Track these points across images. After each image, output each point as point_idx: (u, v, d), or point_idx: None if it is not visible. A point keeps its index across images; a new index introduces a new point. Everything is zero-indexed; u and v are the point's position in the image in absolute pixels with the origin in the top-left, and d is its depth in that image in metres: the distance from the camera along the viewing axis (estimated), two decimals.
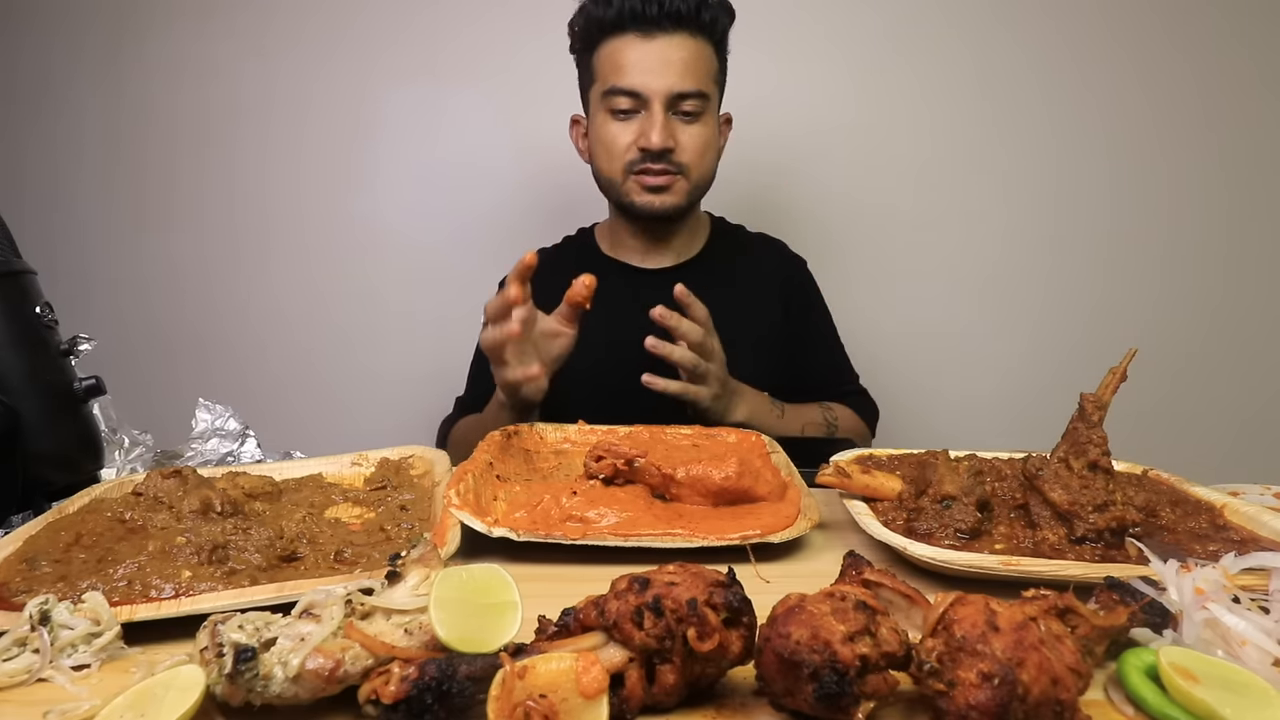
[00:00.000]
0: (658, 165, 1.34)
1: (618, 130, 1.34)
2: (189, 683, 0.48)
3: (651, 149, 1.32)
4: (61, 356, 0.92)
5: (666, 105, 1.31)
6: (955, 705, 0.44)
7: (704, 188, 1.42)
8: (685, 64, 1.30)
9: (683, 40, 1.31)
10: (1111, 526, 0.71)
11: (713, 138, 1.38)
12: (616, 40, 1.32)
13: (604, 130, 1.36)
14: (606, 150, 1.37)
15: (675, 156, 1.34)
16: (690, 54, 1.31)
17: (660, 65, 1.30)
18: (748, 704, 0.51)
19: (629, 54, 1.31)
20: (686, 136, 1.34)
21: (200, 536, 0.68)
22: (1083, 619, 0.52)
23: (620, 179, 1.37)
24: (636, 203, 1.37)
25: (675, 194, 1.37)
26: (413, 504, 0.84)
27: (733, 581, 0.51)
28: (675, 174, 1.35)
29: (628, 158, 1.35)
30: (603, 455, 0.85)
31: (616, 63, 1.32)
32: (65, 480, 0.90)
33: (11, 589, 0.62)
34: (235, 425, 1.12)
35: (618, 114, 1.34)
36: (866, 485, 0.81)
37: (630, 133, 1.34)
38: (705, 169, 1.39)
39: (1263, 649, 0.52)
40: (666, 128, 1.31)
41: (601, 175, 1.41)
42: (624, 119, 1.34)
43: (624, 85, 1.31)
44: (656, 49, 1.30)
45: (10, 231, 0.93)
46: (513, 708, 0.44)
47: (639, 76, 1.30)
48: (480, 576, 0.53)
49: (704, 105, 1.34)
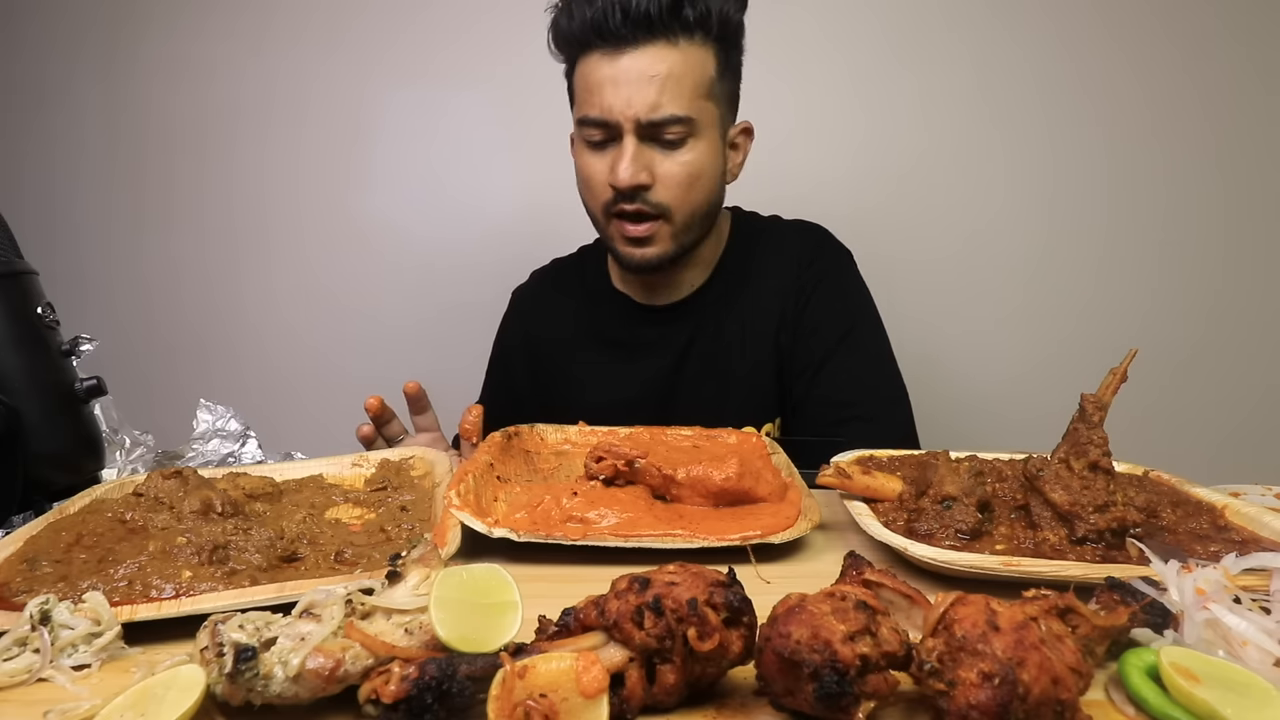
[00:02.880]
0: (631, 206, 1.17)
1: (592, 163, 1.19)
2: (189, 682, 0.48)
3: (619, 186, 1.15)
4: (63, 357, 0.92)
5: (639, 134, 1.14)
6: (956, 705, 0.44)
7: (699, 223, 1.23)
8: (659, 83, 1.11)
9: (659, 52, 1.12)
10: (1112, 527, 0.71)
11: (704, 166, 1.18)
12: (586, 59, 1.16)
13: (580, 162, 1.23)
14: (585, 184, 1.23)
15: (652, 195, 1.16)
16: (669, 68, 1.12)
17: (629, 87, 1.12)
18: (748, 704, 0.51)
19: (596, 75, 1.14)
20: (666, 168, 1.15)
21: (201, 537, 0.68)
22: (1083, 619, 0.52)
23: (603, 220, 1.23)
24: (619, 252, 1.23)
25: (659, 244, 1.20)
26: (413, 505, 0.84)
27: (733, 581, 0.51)
28: (655, 218, 1.18)
29: (603, 197, 1.19)
30: (603, 456, 0.85)
31: (586, 86, 1.17)
32: (66, 481, 0.90)
33: (12, 589, 0.62)
34: (236, 426, 1.13)
35: (592, 145, 1.19)
36: (867, 486, 0.81)
37: (604, 166, 1.18)
38: (694, 205, 1.19)
39: (1264, 649, 0.52)
40: (638, 160, 1.14)
41: (588, 213, 1.28)
42: (599, 150, 1.18)
43: (591, 115, 1.15)
44: (624, 67, 1.12)
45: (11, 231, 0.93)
46: (513, 707, 0.44)
47: (604, 103, 1.13)
48: (480, 576, 0.53)
49: (689, 130, 1.15)
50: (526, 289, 1.51)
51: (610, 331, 1.39)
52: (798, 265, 1.33)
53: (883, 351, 1.32)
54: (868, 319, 1.33)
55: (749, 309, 1.33)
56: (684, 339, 1.34)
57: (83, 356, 0.94)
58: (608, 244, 1.27)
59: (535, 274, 1.53)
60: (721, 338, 1.33)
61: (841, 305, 1.32)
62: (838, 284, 1.34)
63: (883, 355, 1.31)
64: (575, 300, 1.44)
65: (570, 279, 1.47)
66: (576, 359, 1.40)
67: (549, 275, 1.51)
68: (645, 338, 1.36)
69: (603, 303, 1.41)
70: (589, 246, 1.50)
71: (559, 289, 1.47)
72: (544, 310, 1.46)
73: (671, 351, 1.34)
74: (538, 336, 1.44)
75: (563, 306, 1.44)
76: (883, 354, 1.31)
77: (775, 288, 1.32)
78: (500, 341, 1.51)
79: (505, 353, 1.49)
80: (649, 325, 1.36)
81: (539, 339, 1.44)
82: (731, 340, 1.32)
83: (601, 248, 1.45)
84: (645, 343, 1.36)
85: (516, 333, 1.48)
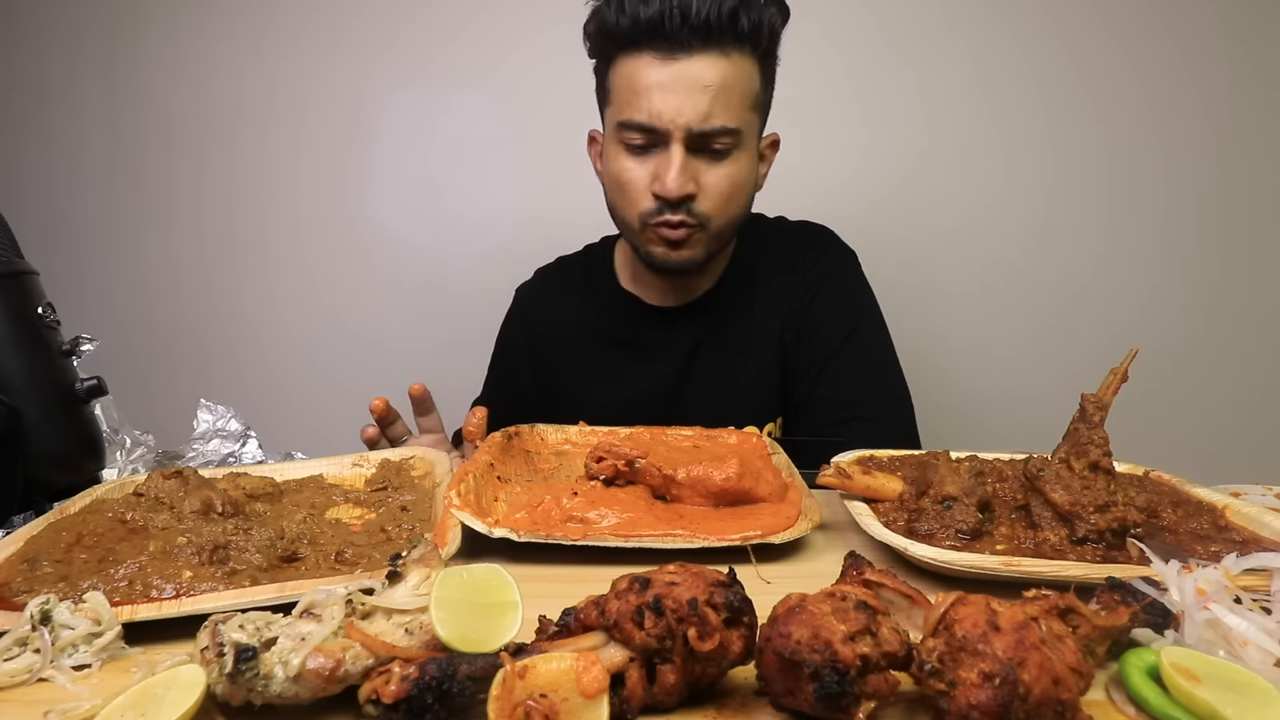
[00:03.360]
0: (675, 216, 1.15)
1: (632, 168, 1.17)
2: (189, 682, 0.48)
3: (668, 197, 1.13)
4: (63, 357, 0.92)
5: (687, 143, 1.12)
6: (956, 705, 0.44)
7: (729, 234, 1.24)
8: (714, 93, 1.10)
9: (713, 61, 1.10)
10: (1113, 527, 0.71)
11: (745, 178, 1.18)
12: (632, 59, 1.13)
13: (616, 165, 1.19)
14: (620, 190, 1.20)
15: (696, 205, 1.15)
16: (722, 78, 1.10)
17: (681, 95, 1.10)
18: (748, 704, 0.51)
19: (645, 78, 1.11)
20: (711, 180, 1.15)
21: (201, 537, 0.68)
22: (1084, 619, 0.52)
23: (637, 227, 1.21)
24: (653, 255, 1.22)
25: (693, 247, 1.20)
26: (413, 505, 0.84)
27: (733, 581, 0.51)
28: (694, 227, 1.17)
29: (642, 205, 1.17)
30: (603, 456, 0.85)
31: (631, 88, 1.13)
32: (66, 481, 0.90)
33: (13, 589, 0.62)
34: (236, 426, 1.13)
35: (632, 149, 1.16)
36: (867, 486, 0.81)
37: (646, 173, 1.15)
38: (731, 216, 1.20)
39: (1264, 649, 0.52)
40: (686, 170, 1.12)
41: (616, 215, 1.25)
42: (639, 155, 1.16)
43: (637, 119, 1.12)
44: (678, 73, 1.09)
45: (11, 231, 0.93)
46: (513, 707, 0.44)
47: (654, 109, 1.11)
48: (481, 576, 0.53)
49: (736, 142, 1.14)
50: (531, 286, 1.51)
51: (616, 331, 1.39)
52: (803, 265, 1.34)
53: (886, 352, 1.32)
54: (872, 319, 1.33)
55: (756, 311, 1.33)
56: (692, 341, 1.34)
57: (83, 356, 0.94)
58: (638, 247, 1.25)
59: (539, 272, 1.52)
60: (728, 340, 1.33)
61: (846, 305, 1.32)
62: (842, 284, 1.34)
63: (886, 355, 1.31)
64: (580, 299, 1.43)
65: (575, 277, 1.46)
66: (580, 358, 1.40)
67: (553, 273, 1.50)
68: (653, 339, 1.36)
69: (609, 302, 1.40)
70: (594, 245, 1.50)
71: (563, 287, 1.46)
72: (548, 308, 1.46)
73: (679, 354, 1.34)
74: (541, 334, 1.44)
75: (567, 305, 1.44)
76: (886, 354, 1.32)
77: (781, 288, 1.33)
78: (503, 339, 1.50)
79: (508, 350, 1.49)
80: (658, 327, 1.36)
81: (542, 337, 1.44)
82: (738, 342, 1.32)
83: (609, 247, 1.45)
84: (653, 344, 1.36)
85: (520, 330, 1.47)
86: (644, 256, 1.25)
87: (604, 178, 1.26)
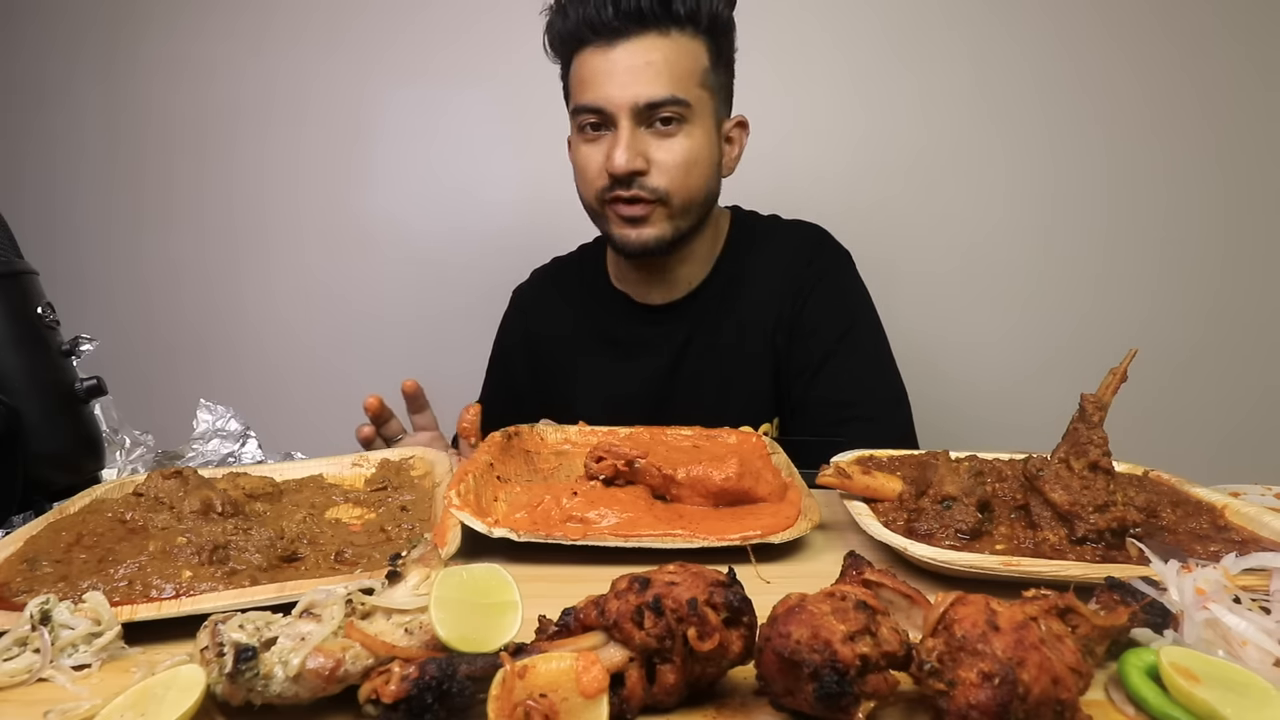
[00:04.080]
0: (627, 192, 1.18)
1: (588, 152, 1.22)
2: (189, 682, 0.48)
3: (615, 172, 1.17)
4: (63, 357, 0.92)
5: (635, 119, 1.16)
6: (956, 705, 0.44)
7: (696, 209, 1.24)
8: (654, 69, 1.15)
9: (652, 42, 1.16)
10: (1112, 527, 0.71)
11: (699, 152, 1.20)
12: (581, 54, 1.20)
13: (576, 153, 1.25)
14: (581, 175, 1.25)
15: (648, 180, 1.18)
16: (663, 56, 1.15)
17: (623, 75, 1.15)
18: (748, 704, 0.51)
19: (590, 67, 1.18)
20: (662, 154, 1.18)
21: (201, 537, 0.68)
22: (1083, 619, 0.52)
23: (598, 208, 1.25)
24: (616, 235, 1.24)
25: (655, 224, 1.21)
26: (413, 504, 0.84)
27: (733, 581, 0.51)
28: (651, 202, 1.19)
29: (598, 185, 1.21)
30: (603, 456, 0.85)
31: (580, 78, 1.20)
32: (66, 480, 0.90)
33: (12, 589, 0.62)
34: (236, 426, 1.13)
35: (587, 134, 1.21)
36: (867, 486, 0.81)
37: (599, 154, 1.20)
38: (691, 189, 1.21)
39: (1263, 649, 0.52)
40: (633, 146, 1.16)
41: (583, 202, 1.29)
42: (593, 140, 1.21)
43: (585, 101, 1.18)
44: (618, 57, 1.16)
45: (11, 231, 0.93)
46: (513, 707, 0.44)
47: (600, 91, 1.16)
48: (480, 576, 0.53)
49: (684, 112, 1.17)
50: (527, 288, 1.52)
51: (608, 330, 1.39)
52: (796, 265, 1.33)
53: (882, 352, 1.32)
54: (867, 319, 1.33)
55: (747, 308, 1.33)
56: (681, 338, 1.34)
57: (83, 356, 0.94)
58: (605, 232, 1.28)
59: (535, 273, 1.53)
60: (719, 337, 1.33)
61: (840, 305, 1.32)
62: (836, 284, 1.34)
63: (882, 355, 1.32)
64: (575, 299, 1.44)
65: (570, 277, 1.48)
66: (576, 357, 1.40)
67: (549, 274, 1.52)
68: (643, 336, 1.37)
69: (602, 301, 1.41)
70: (589, 245, 1.50)
71: (559, 288, 1.48)
72: (544, 309, 1.47)
73: (669, 350, 1.34)
74: (538, 335, 1.45)
75: (562, 305, 1.45)
76: (882, 354, 1.32)
77: (773, 287, 1.33)
78: (500, 340, 1.51)
79: (505, 351, 1.50)
80: (647, 324, 1.37)
81: (539, 337, 1.45)
82: (729, 339, 1.32)
83: (601, 247, 1.45)
84: (643, 341, 1.36)
85: (517, 331, 1.48)
86: (611, 241, 1.28)
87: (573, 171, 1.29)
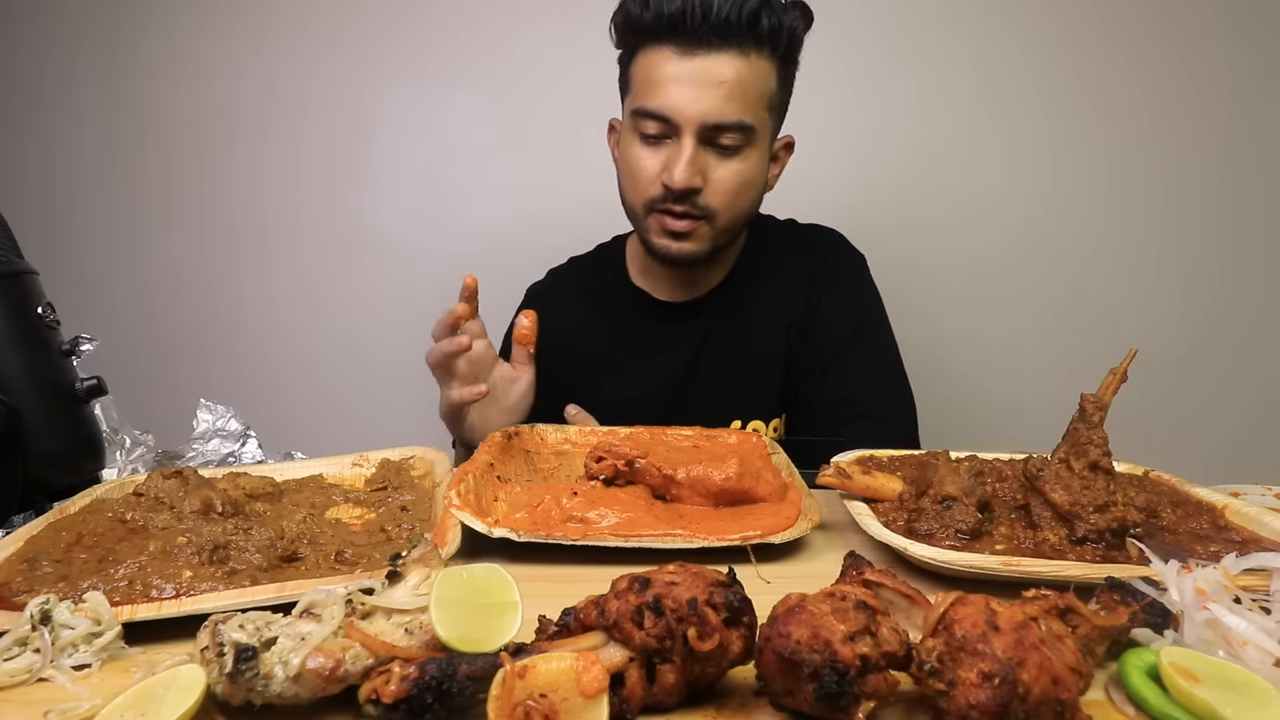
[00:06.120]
0: (680, 207, 1.18)
1: (644, 156, 1.19)
2: (189, 682, 0.48)
3: (674, 188, 1.15)
4: (63, 357, 0.92)
5: (699, 136, 1.14)
6: (956, 705, 0.44)
7: (735, 230, 1.25)
8: (728, 89, 1.12)
9: (730, 59, 1.12)
10: (1112, 527, 0.71)
11: (754, 175, 1.20)
12: (653, 51, 1.16)
13: (629, 153, 1.22)
14: (630, 177, 1.23)
15: (701, 199, 1.17)
16: (738, 75, 1.12)
17: (696, 89, 1.12)
18: (748, 704, 0.51)
19: (663, 71, 1.14)
20: (720, 174, 1.17)
21: (201, 537, 0.68)
22: (1083, 619, 0.52)
23: (642, 213, 1.23)
24: (655, 244, 1.24)
25: (696, 241, 1.21)
26: (413, 504, 0.84)
27: (733, 581, 0.51)
28: (698, 219, 1.19)
29: (650, 193, 1.19)
30: (603, 456, 0.85)
31: (649, 78, 1.16)
32: (66, 480, 0.90)
33: (12, 589, 0.62)
34: (236, 426, 1.13)
35: (646, 138, 1.19)
36: (867, 486, 0.81)
37: (657, 162, 1.18)
38: (738, 212, 1.21)
39: (1263, 649, 0.52)
40: (695, 163, 1.14)
41: (625, 200, 1.28)
42: (652, 144, 1.19)
43: (652, 107, 1.15)
44: (695, 68, 1.12)
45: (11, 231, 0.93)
46: (513, 707, 0.44)
47: (669, 100, 1.13)
48: (480, 576, 0.53)
49: (747, 139, 1.16)
50: (543, 286, 1.51)
51: (625, 327, 1.39)
52: (811, 266, 1.35)
53: (890, 353, 1.33)
54: (878, 321, 1.35)
55: (763, 308, 1.34)
56: (699, 336, 1.35)
57: (83, 356, 0.94)
58: (642, 235, 1.28)
59: (552, 272, 1.53)
60: (735, 335, 1.34)
61: (854, 305, 1.34)
62: (849, 285, 1.36)
63: (890, 356, 1.33)
64: (592, 297, 1.44)
65: (587, 277, 1.47)
66: (590, 355, 1.40)
67: (565, 273, 1.51)
68: (660, 334, 1.37)
69: (619, 298, 1.41)
70: (606, 245, 1.51)
71: (575, 287, 1.47)
72: (559, 307, 1.45)
73: (686, 348, 1.35)
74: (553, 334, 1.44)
75: (578, 304, 1.44)
76: (890, 355, 1.33)
77: (789, 287, 1.34)
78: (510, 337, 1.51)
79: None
80: (665, 321, 1.37)
81: (553, 336, 1.44)
82: (744, 338, 1.34)
83: (619, 246, 1.46)
84: (660, 338, 1.37)
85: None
86: (648, 245, 1.27)
87: (619, 164, 1.28)
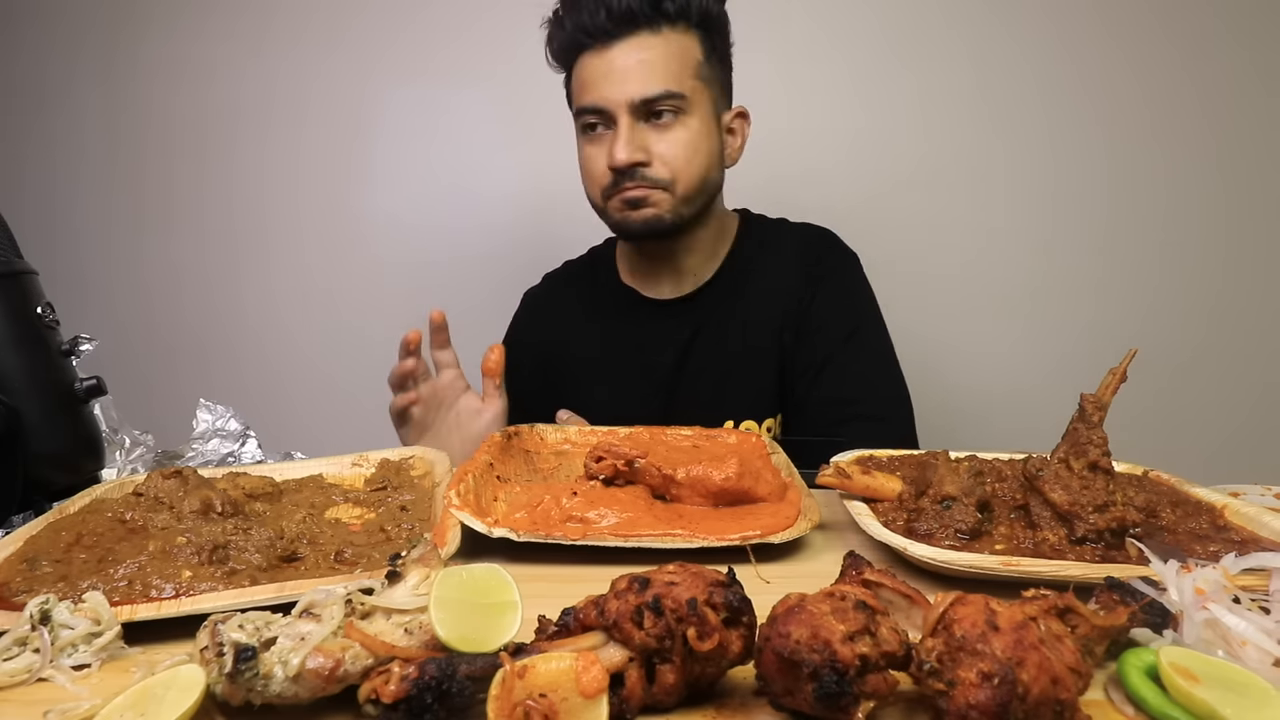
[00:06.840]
0: (630, 184, 1.22)
1: (591, 152, 1.26)
2: (189, 682, 0.48)
3: (615, 165, 1.20)
4: (62, 357, 0.92)
5: (634, 115, 1.19)
6: (955, 705, 0.44)
7: (699, 196, 1.26)
8: (648, 65, 1.18)
9: (643, 40, 1.19)
10: (1112, 527, 0.71)
11: (699, 140, 1.23)
12: (580, 60, 1.24)
13: (581, 154, 1.29)
14: (587, 175, 1.28)
15: (650, 172, 1.21)
16: (655, 53, 1.19)
17: (619, 73, 1.19)
18: (748, 704, 0.51)
19: (589, 70, 1.22)
20: (662, 146, 1.21)
21: (201, 537, 0.68)
22: (1083, 619, 0.52)
23: (603, 204, 1.28)
24: (618, 220, 1.27)
25: (655, 205, 1.23)
26: (413, 504, 0.84)
27: (733, 581, 0.51)
28: (651, 187, 1.23)
29: (603, 182, 1.24)
30: (603, 456, 0.85)
31: (580, 82, 1.24)
32: (66, 480, 0.90)
33: (12, 589, 0.62)
34: (236, 426, 1.13)
35: (590, 135, 1.25)
36: (867, 486, 0.81)
37: (602, 152, 1.23)
38: (693, 178, 1.24)
39: (1263, 649, 0.52)
40: (633, 140, 1.19)
41: (590, 201, 1.32)
42: (596, 140, 1.25)
43: (586, 103, 1.22)
44: (613, 57, 1.19)
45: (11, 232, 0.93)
46: (513, 707, 0.44)
47: (598, 91, 1.20)
48: (480, 576, 0.53)
49: (680, 105, 1.20)
50: (538, 291, 1.53)
51: (616, 325, 1.40)
52: (804, 265, 1.35)
53: (886, 352, 1.33)
54: (872, 320, 1.34)
55: (753, 305, 1.34)
56: (688, 333, 1.35)
57: (83, 356, 0.94)
58: (610, 224, 1.30)
59: (547, 277, 1.55)
60: (725, 333, 1.34)
61: (847, 305, 1.34)
62: (843, 284, 1.35)
63: (886, 356, 1.33)
64: (585, 300, 1.45)
65: (580, 279, 1.49)
66: (583, 357, 1.41)
67: (560, 277, 1.53)
68: (650, 331, 1.37)
69: (609, 297, 1.43)
70: (599, 247, 1.52)
71: (569, 290, 1.49)
72: (554, 311, 1.48)
73: (676, 345, 1.35)
74: (548, 337, 1.46)
75: (573, 307, 1.46)
76: (886, 354, 1.33)
77: (781, 284, 1.34)
78: (509, 341, 1.52)
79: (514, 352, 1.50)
80: (654, 319, 1.37)
81: (549, 340, 1.45)
82: (735, 335, 1.34)
83: (611, 247, 1.47)
84: (650, 336, 1.37)
85: (527, 332, 1.49)
86: (615, 228, 1.30)
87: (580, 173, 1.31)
